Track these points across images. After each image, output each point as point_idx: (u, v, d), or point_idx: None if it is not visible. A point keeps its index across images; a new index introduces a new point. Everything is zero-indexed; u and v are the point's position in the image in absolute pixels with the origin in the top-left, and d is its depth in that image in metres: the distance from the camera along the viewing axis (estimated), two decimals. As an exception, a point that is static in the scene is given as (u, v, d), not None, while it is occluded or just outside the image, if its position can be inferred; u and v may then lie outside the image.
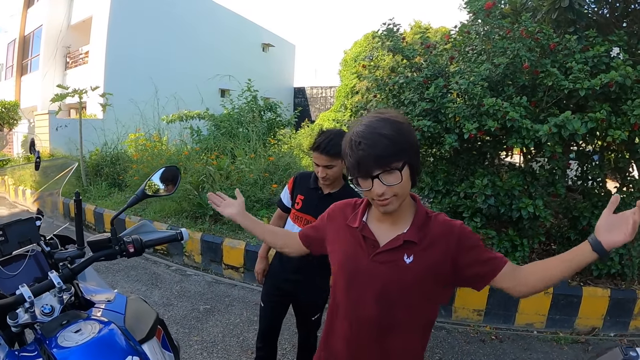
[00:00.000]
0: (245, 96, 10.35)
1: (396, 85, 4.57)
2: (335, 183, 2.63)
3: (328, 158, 2.44)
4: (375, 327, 1.58)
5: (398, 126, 1.44)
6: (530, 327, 4.37)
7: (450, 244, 1.53)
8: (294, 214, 2.75)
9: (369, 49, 20.67)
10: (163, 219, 6.67)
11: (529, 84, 4.27)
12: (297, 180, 2.83)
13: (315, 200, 2.65)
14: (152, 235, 1.91)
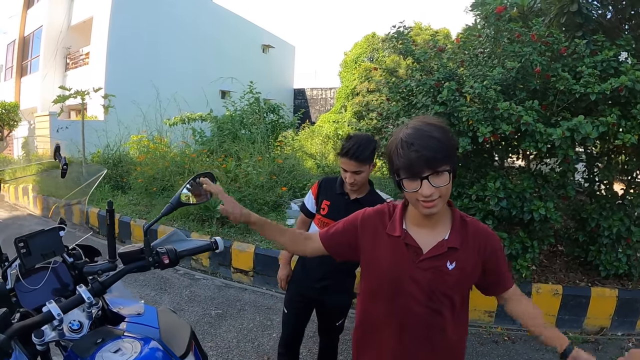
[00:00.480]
0: (248, 98, 10.33)
1: (407, 89, 4.58)
2: (362, 188, 2.61)
3: (357, 164, 2.42)
4: (421, 330, 1.64)
5: (445, 131, 1.49)
6: None
7: (483, 248, 1.63)
8: (320, 219, 2.73)
9: (369, 50, 20.66)
10: (169, 222, 6.62)
11: (540, 88, 4.28)
12: (322, 186, 2.80)
13: (342, 205, 2.61)
14: (186, 245, 1.84)
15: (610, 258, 4.43)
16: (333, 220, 2.54)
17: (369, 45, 20.83)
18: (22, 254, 1.56)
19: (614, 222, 4.30)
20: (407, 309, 1.63)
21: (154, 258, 1.71)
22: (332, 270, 2.64)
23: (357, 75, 20.13)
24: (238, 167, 7.19)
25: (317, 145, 12.42)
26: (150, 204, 7.66)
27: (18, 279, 1.60)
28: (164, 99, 11.23)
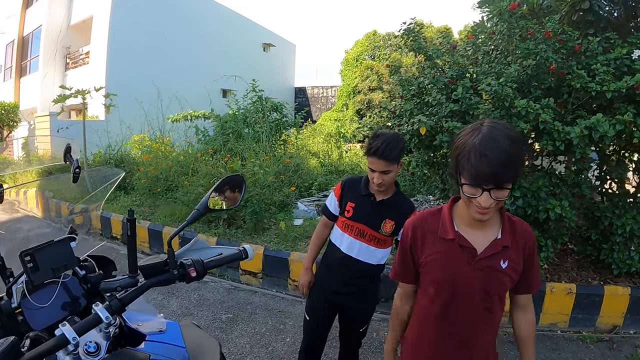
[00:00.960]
0: (251, 96, 10.25)
1: (420, 86, 4.51)
2: (388, 189, 2.51)
3: (386, 163, 2.31)
4: (472, 328, 1.71)
5: (519, 145, 1.47)
6: (554, 326, 4.35)
7: (524, 246, 1.67)
8: (344, 222, 2.62)
9: (371, 48, 20.61)
10: (174, 223, 6.54)
11: (554, 86, 4.21)
12: (346, 187, 2.67)
13: (367, 207, 2.53)
14: (212, 254, 1.70)
15: (622, 256, 4.39)
16: (358, 222, 2.55)
17: (370, 43, 20.81)
18: (29, 268, 1.37)
19: (627, 220, 4.26)
20: (464, 308, 1.68)
21: (179, 271, 1.57)
22: (357, 276, 2.60)
23: (359, 73, 20.06)
24: (244, 167, 7.10)
25: (320, 143, 12.32)
26: (154, 205, 7.57)
27: (24, 295, 1.44)
28: (165, 98, 11.19)
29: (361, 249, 2.55)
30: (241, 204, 6.16)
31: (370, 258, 2.57)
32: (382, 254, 2.60)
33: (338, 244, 2.64)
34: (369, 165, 2.39)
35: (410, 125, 4.17)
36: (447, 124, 3.90)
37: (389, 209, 2.50)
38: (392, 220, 2.48)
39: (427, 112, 4.33)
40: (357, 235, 2.55)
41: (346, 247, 2.59)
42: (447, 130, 3.91)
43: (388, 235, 2.52)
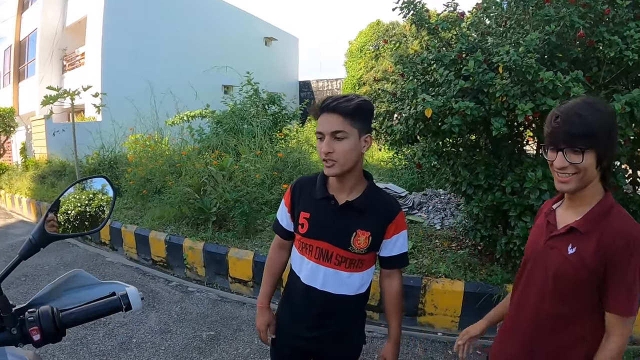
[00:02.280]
0: (246, 90, 9.78)
1: (425, 63, 3.87)
2: (353, 180, 1.78)
3: (338, 118, 1.64)
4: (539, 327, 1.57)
5: (598, 112, 1.42)
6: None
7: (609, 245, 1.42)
8: (300, 241, 1.89)
9: (375, 38, 20.10)
10: (161, 227, 6.11)
11: (582, 57, 3.60)
12: (297, 190, 1.91)
13: (328, 216, 1.79)
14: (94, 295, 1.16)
15: None
16: (317, 239, 1.81)
17: (374, 33, 20.30)
18: None
19: None
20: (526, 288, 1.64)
21: (20, 330, 1.06)
22: (328, 314, 1.86)
23: (363, 64, 19.62)
24: (234, 164, 6.57)
25: (324, 137, 11.83)
26: (144, 208, 7.23)
27: None
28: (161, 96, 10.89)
29: (327, 277, 1.80)
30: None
31: (343, 287, 1.81)
32: (360, 279, 1.84)
33: (297, 272, 1.91)
34: (316, 131, 1.72)
35: (413, 107, 3.55)
36: (457, 104, 3.26)
37: (360, 215, 1.76)
38: (366, 230, 1.75)
39: (434, 92, 3.70)
40: (319, 257, 1.81)
41: (307, 276, 1.85)
42: (457, 112, 3.27)
43: (363, 253, 1.77)
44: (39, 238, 1.12)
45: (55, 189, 9.92)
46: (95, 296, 1.17)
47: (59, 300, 1.17)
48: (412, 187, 7.04)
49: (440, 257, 4.44)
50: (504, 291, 3.78)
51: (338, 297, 1.81)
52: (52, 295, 1.18)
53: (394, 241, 1.81)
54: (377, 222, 1.77)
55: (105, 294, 1.17)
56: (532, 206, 3.42)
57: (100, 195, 1.29)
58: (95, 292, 1.19)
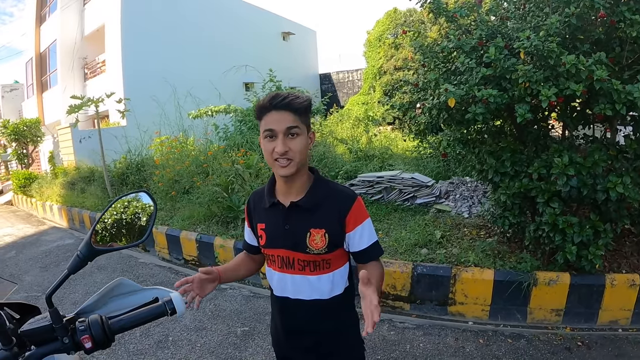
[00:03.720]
0: (269, 87, 9.87)
1: (445, 51, 3.84)
2: (298, 178, 1.67)
3: (291, 115, 1.57)
4: None
5: None
6: (614, 324, 3.76)
7: None
8: (264, 253, 1.81)
9: (393, 26, 19.93)
10: (192, 226, 6.22)
11: (604, 38, 3.54)
12: (251, 203, 1.86)
13: (279, 221, 1.70)
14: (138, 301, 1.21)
15: None
16: (275, 248, 1.72)
17: (391, 21, 20.12)
18: None
19: None
20: None
21: (73, 338, 1.11)
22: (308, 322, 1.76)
23: (383, 53, 19.49)
24: (260, 161, 6.65)
25: (348, 129, 11.83)
26: (173, 209, 7.33)
27: None
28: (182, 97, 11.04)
29: (295, 285, 1.72)
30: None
31: (314, 292, 1.71)
32: (329, 281, 1.72)
33: (271, 285, 1.84)
34: (265, 129, 1.58)
35: (436, 97, 3.54)
36: (480, 92, 3.23)
37: (309, 213, 1.66)
38: (319, 227, 1.64)
39: (456, 81, 3.68)
40: (282, 266, 1.73)
41: (277, 288, 1.79)
42: (480, 100, 3.26)
43: (325, 252, 1.65)
44: (86, 252, 1.16)
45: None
46: (138, 302, 1.22)
47: (105, 308, 1.23)
48: (438, 175, 7.01)
49: (469, 246, 4.44)
50: (533, 278, 3.76)
51: (312, 302, 1.71)
52: (99, 303, 1.23)
53: (358, 233, 1.66)
54: (330, 216, 1.65)
55: (149, 299, 1.23)
56: (560, 192, 3.40)
57: (142, 208, 1.33)
58: (138, 298, 1.24)
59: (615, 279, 3.69)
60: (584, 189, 3.30)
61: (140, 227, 1.31)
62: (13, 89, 29.14)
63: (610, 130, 3.75)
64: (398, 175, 6.17)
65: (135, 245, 1.29)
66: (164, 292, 1.24)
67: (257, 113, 1.63)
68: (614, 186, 3.21)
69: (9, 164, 23.36)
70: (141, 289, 1.26)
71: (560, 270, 3.78)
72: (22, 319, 1.21)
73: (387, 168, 7.56)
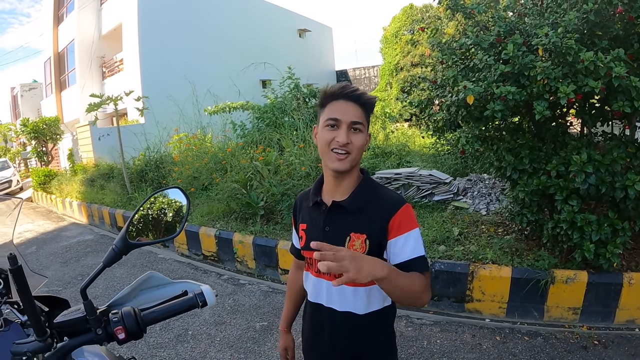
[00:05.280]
0: (288, 84, 9.91)
1: (463, 48, 3.84)
2: (348, 177, 1.54)
3: (358, 108, 1.47)
4: None
5: None
6: (631, 324, 3.74)
7: None
8: (303, 255, 1.71)
9: (409, 22, 19.84)
10: (210, 222, 6.28)
11: (622, 34, 3.51)
12: (297, 204, 1.77)
13: (320, 222, 1.58)
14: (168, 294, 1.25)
15: None
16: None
17: (407, 17, 20.02)
18: None
19: None
20: None
21: (105, 329, 1.15)
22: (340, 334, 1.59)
23: (399, 49, 19.42)
24: (279, 158, 6.70)
25: (365, 125, 11.82)
26: (192, 205, 7.35)
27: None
28: (200, 94, 11.19)
29: (330, 293, 1.57)
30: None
31: (347, 304, 1.55)
32: (366, 295, 1.54)
33: (307, 289, 1.72)
34: (330, 117, 1.47)
35: (454, 94, 3.55)
36: (498, 89, 3.24)
37: (352, 216, 1.52)
38: (361, 232, 1.48)
39: (474, 78, 3.68)
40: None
41: (312, 292, 1.66)
42: (499, 97, 3.26)
43: None
44: (121, 246, 1.20)
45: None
46: (168, 295, 1.25)
47: (135, 300, 1.27)
48: (455, 172, 6.99)
49: (487, 243, 4.43)
50: (551, 276, 3.76)
51: (345, 315, 1.55)
52: (130, 296, 1.27)
53: (400, 243, 1.46)
54: (373, 221, 1.49)
55: (178, 292, 1.25)
56: (578, 190, 3.40)
57: (175, 204, 1.37)
58: (167, 291, 1.28)
59: (633, 278, 3.67)
60: (602, 187, 3.29)
61: (173, 222, 1.35)
62: (32, 88, 29.70)
63: (629, 127, 3.73)
64: (416, 172, 6.17)
65: (168, 239, 1.33)
66: (193, 286, 1.27)
67: (322, 100, 1.52)
68: (633, 184, 3.20)
69: (29, 161, 23.76)
70: (170, 282, 1.30)
71: (577, 269, 3.77)
72: (50, 312, 1.26)
73: (405, 165, 7.55)
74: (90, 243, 8.01)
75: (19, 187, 18.43)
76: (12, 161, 20.87)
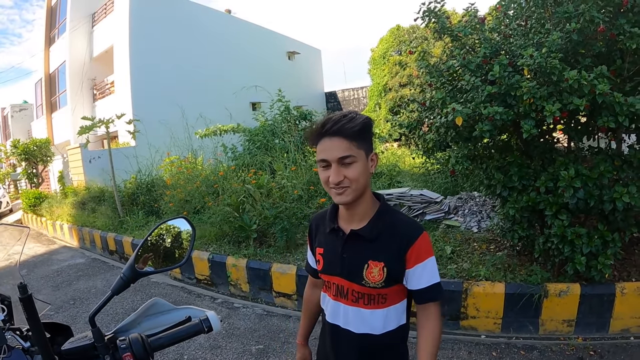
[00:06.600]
0: (278, 106, 9.97)
1: (451, 70, 3.95)
2: (360, 205, 1.57)
3: (344, 142, 1.45)
4: None
5: None
6: (626, 332, 3.79)
7: None
8: (321, 277, 1.75)
9: (396, 43, 20.08)
10: (203, 246, 6.26)
11: (604, 51, 3.63)
12: (313, 226, 1.81)
13: (337, 249, 1.61)
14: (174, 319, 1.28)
15: None
16: (331, 275, 1.66)
17: (395, 38, 20.26)
18: None
19: None
20: None
21: (113, 356, 1.17)
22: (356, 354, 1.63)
23: (387, 70, 19.63)
24: (271, 181, 6.73)
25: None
26: (185, 229, 7.33)
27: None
28: (191, 117, 11.16)
29: (347, 315, 1.62)
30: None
31: (365, 326, 1.60)
32: (383, 317, 1.60)
33: (325, 309, 1.76)
34: (319, 159, 1.50)
35: (443, 116, 3.63)
36: (486, 110, 3.33)
37: (370, 244, 1.56)
38: (379, 260, 1.54)
39: (462, 99, 3.78)
40: (337, 294, 1.65)
41: (330, 314, 1.70)
42: (487, 118, 3.35)
43: (381, 287, 1.55)
44: (130, 275, 1.23)
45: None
46: (172, 321, 1.28)
47: (140, 326, 1.29)
48: (446, 191, 7.05)
49: (480, 260, 4.48)
50: (544, 290, 3.81)
51: (362, 336, 1.60)
52: (135, 323, 1.30)
53: (418, 272, 1.55)
54: (392, 250, 1.54)
55: (182, 318, 1.28)
56: (568, 204, 3.48)
57: (181, 234, 1.39)
58: (172, 317, 1.30)
59: (625, 288, 3.74)
60: (591, 200, 3.38)
61: (179, 251, 1.37)
62: (22, 109, 29.60)
63: (614, 140, 3.83)
64: (407, 192, 6.22)
65: (175, 268, 1.35)
66: (197, 311, 1.30)
67: (311, 141, 1.54)
68: (621, 196, 3.28)
69: (18, 183, 23.59)
70: (174, 308, 1.33)
71: (570, 281, 3.83)
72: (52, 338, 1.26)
73: (396, 185, 7.61)
74: (82, 267, 7.94)
75: (9, 209, 18.20)
76: (2, 182, 20.66)
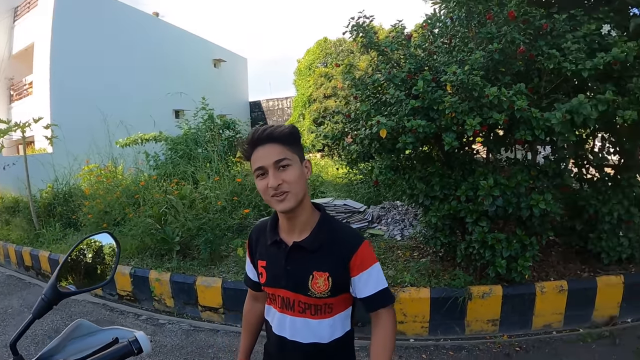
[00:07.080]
0: (202, 115, 9.78)
1: (376, 83, 4.07)
2: (300, 214, 1.57)
3: (278, 147, 1.47)
4: None
5: None
6: (548, 328, 4.06)
7: None
8: (265, 291, 1.73)
9: (322, 55, 20.36)
10: (125, 260, 5.97)
11: (523, 70, 3.89)
12: (253, 238, 1.77)
13: (280, 261, 1.60)
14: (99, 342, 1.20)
15: (612, 244, 4.22)
16: (275, 287, 1.64)
17: (321, 50, 20.58)
18: None
19: (614, 206, 4.10)
20: None
21: None
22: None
23: (312, 81, 19.82)
24: (194, 192, 6.58)
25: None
26: (105, 241, 7.02)
27: None
28: (113, 124, 10.73)
29: (295, 326, 1.62)
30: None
31: (312, 336, 1.61)
32: (330, 326, 1.62)
33: (270, 321, 1.74)
34: (255, 168, 1.50)
35: (368, 128, 3.71)
36: (409, 123, 3.46)
37: (313, 255, 1.57)
38: (323, 270, 1.55)
39: (386, 112, 3.91)
40: (283, 306, 1.64)
41: (277, 326, 1.68)
42: (410, 130, 3.47)
43: (327, 296, 1.56)
44: (51, 296, 1.16)
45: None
46: (99, 343, 1.20)
47: (65, 351, 1.20)
48: (369, 200, 7.16)
49: (404, 267, 4.59)
50: (468, 293, 3.97)
51: (310, 346, 1.61)
52: (59, 347, 1.20)
53: (364, 279, 1.56)
54: (335, 259, 1.56)
55: (109, 339, 1.21)
56: (487, 212, 3.69)
57: (105, 250, 1.34)
58: (98, 339, 1.23)
59: (544, 287, 4.00)
60: (509, 208, 3.60)
61: (103, 268, 1.31)
62: None
63: (531, 152, 4.08)
64: (331, 202, 6.28)
65: (100, 286, 1.29)
66: (125, 332, 1.23)
67: (245, 155, 1.54)
68: (537, 203, 3.52)
69: None
70: (100, 329, 1.25)
71: (492, 284, 4.02)
72: None
73: (319, 195, 7.67)
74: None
75: None
76: None
